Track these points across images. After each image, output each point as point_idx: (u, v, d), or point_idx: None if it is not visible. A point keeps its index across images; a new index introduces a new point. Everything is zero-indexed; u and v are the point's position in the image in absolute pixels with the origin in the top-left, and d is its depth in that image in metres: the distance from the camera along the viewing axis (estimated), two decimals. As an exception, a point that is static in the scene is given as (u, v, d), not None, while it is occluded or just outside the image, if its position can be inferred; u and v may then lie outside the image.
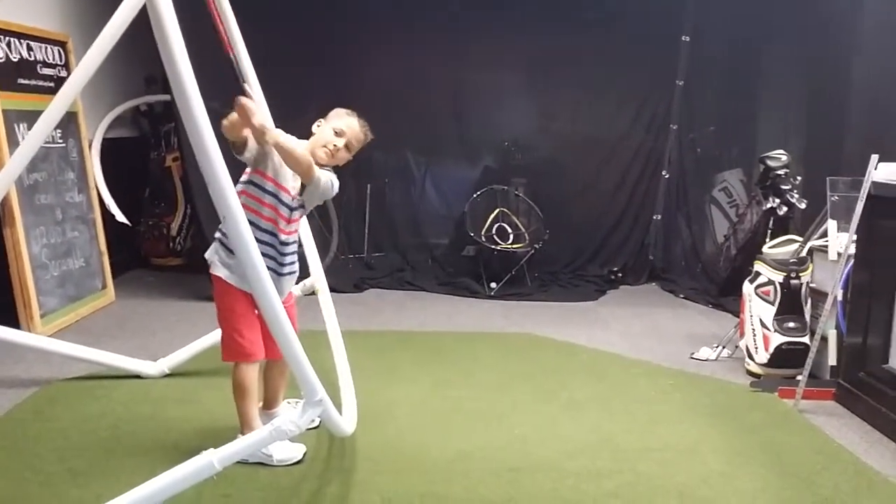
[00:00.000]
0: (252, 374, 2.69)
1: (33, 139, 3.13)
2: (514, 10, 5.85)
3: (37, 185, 4.34)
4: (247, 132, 2.52)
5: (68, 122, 4.65)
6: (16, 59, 4.29)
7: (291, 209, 2.64)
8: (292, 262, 2.73)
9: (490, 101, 6.23)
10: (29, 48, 4.42)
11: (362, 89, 5.49)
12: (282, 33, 5.34)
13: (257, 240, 2.12)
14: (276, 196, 2.61)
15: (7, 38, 4.23)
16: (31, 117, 4.01)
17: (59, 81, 4.47)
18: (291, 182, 2.62)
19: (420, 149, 6.32)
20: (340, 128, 2.67)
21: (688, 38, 6.05)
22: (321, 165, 2.65)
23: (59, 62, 4.68)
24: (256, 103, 2.49)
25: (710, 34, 5.93)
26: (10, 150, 3.99)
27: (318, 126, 2.72)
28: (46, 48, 4.59)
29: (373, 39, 5.89)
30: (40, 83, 4.48)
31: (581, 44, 5.91)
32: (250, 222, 2.19)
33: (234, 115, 2.40)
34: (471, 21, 5.91)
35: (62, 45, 4.74)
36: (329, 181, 2.64)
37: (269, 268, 2.51)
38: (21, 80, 4.32)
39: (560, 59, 5.99)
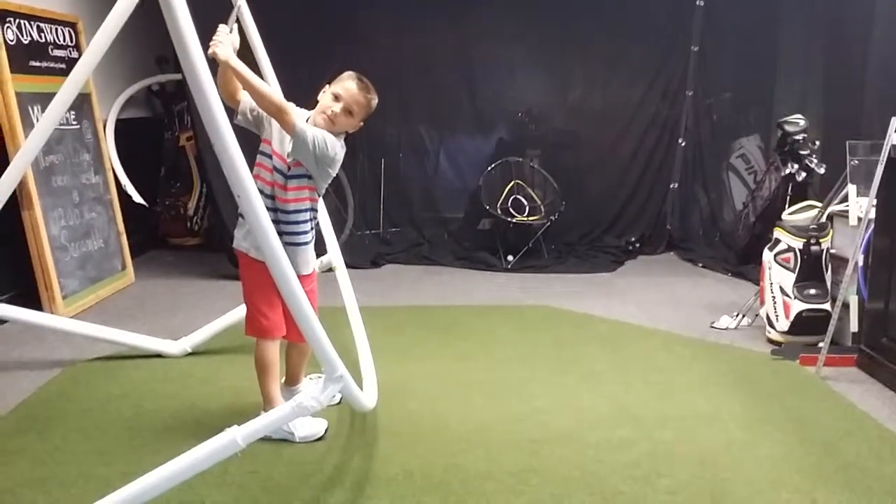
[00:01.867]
0: (272, 350, 2.70)
1: (47, 121, 3.14)
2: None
3: (53, 168, 4.35)
4: (240, 95, 2.51)
5: (82, 104, 4.65)
6: (27, 42, 4.29)
7: (286, 176, 2.57)
8: (301, 233, 2.63)
9: (503, 73, 6.17)
10: (39, 30, 4.42)
11: (373, 62, 5.37)
12: (291, 8, 5.28)
13: None
14: (271, 161, 2.58)
15: (17, 21, 4.22)
16: (44, 99, 4.02)
17: (71, 63, 4.46)
18: (287, 147, 2.56)
19: (433, 122, 6.29)
20: (338, 92, 2.58)
21: (702, 3, 5.95)
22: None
23: (70, 43, 4.68)
24: (226, 32, 2.39)
25: (726, -2, 5.83)
26: (25, 132, 4.01)
27: (324, 92, 2.64)
28: (57, 30, 4.58)
29: (383, 12, 5.84)
30: (52, 65, 4.48)
31: (594, 12, 5.83)
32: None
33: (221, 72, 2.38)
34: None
35: (73, 26, 4.74)
36: (321, 138, 2.50)
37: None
38: (33, 63, 4.32)
39: (573, 29, 5.92)
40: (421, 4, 5.83)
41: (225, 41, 2.37)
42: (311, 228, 2.71)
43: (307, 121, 2.59)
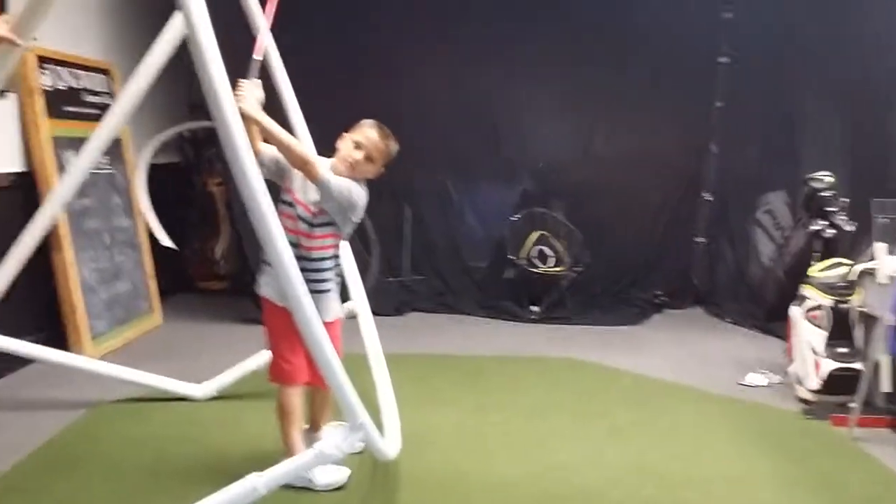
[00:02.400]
0: (294, 396, 2.70)
1: (81, 166, 3.22)
2: (551, 32, 5.83)
3: (85, 211, 4.43)
4: (258, 146, 2.54)
5: (115, 149, 4.74)
6: (63, 88, 4.41)
7: (311, 224, 2.61)
8: (324, 280, 2.66)
9: (528, 124, 6.22)
10: (75, 76, 4.54)
11: (399, 111, 5.44)
12: (318, 57, 5.34)
13: None
14: (294, 209, 2.61)
15: (54, 67, 4.34)
16: (77, 144, 4.08)
17: (105, 109, 4.55)
18: (313, 196, 2.60)
19: (458, 171, 6.32)
20: (358, 139, 2.64)
21: (727, 60, 5.99)
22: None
23: (104, 90, 4.80)
24: (250, 85, 2.44)
25: (750, 55, 5.84)
26: (59, 176, 4.09)
27: (343, 140, 2.69)
28: (92, 76, 4.71)
29: (408, 62, 5.92)
30: (86, 111, 4.59)
31: (620, 65, 5.88)
32: None
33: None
34: (507, 44, 5.90)
35: (106, 73, 4.87)
36: (346, 187, 2.55)
37: None
38: (68, 108, 4.43)
39: (599, 80, 5.95)
40: (447, 53, 5.90)
41: (249, 95, 2.42)
42: (335, 275, 2.73)
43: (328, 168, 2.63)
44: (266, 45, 3.12)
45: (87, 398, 3.56)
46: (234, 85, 2.19)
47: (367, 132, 2.65)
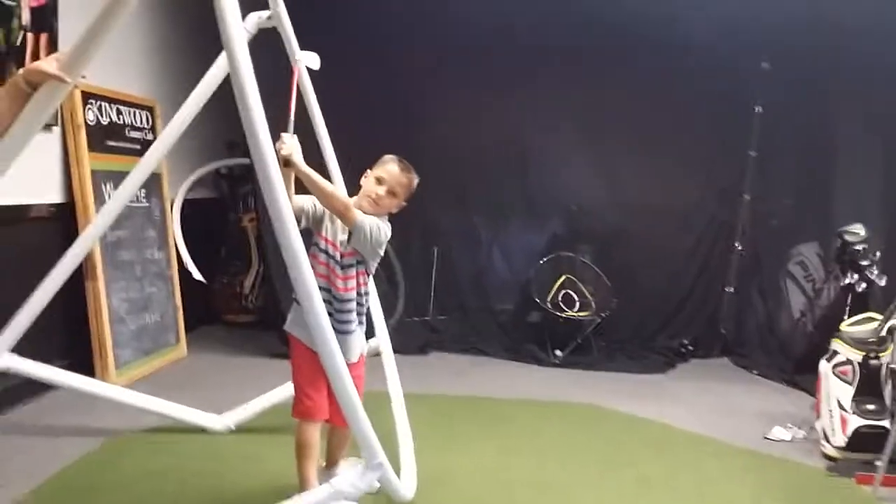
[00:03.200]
0: (313, 433, 2.70)
1: (119, 199, 3.30)
2: (584, 75, 5.89)
3: (119, 242, 4.53)
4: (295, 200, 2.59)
5: (152, 183, 4.84)
6: (106, 123, 4.53)
7: (343, 266, 2.67)
8: (351, 322, 2.71)
9: (558, 167, 6.24)
10: (119, 112, 4.67)
11: (429, 152, 5.50)
12: (348, 95, 5.29)
13: None
14: (327, 252, 2.67)
15: (98, 103, 4.47)
16: (117, 177, 4.21)
17: (146, 144, 4.69)
18: (340, 236, 2.67)
19: (487, 213, 6.36)
20: (380, 175, 2.70)
21: (760, 109, 5.99)
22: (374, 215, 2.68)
23: (146, 126, 4.93)
24: (290, 137, 2.51)
25: (784, 104, 5.84)
26: (96, 208, 4.19)
27: (366, 177, 2.76)
28: (135, 112, 4.84)
29: (439, 103, 6.00)
30: (128, 145, 4.70)
31: (651, 111, 5.90)
32: None
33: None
34: (541, 86, 5.97)
35: (150, 109, 5.00)
36: (375, 225, 2.64)
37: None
38: (109, 143, 4.54)
39: (629, 126, 5.98)
40: (479, 95, 5.96)
41: (292, 146, 2.48)
42: (361, 315, 2.76)
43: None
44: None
45: (109, 426, 3.60)
46: (276, 138, 2.26)
47: (389, 167, 2.72)
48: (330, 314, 2.58)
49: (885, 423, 3.54)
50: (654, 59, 5.72)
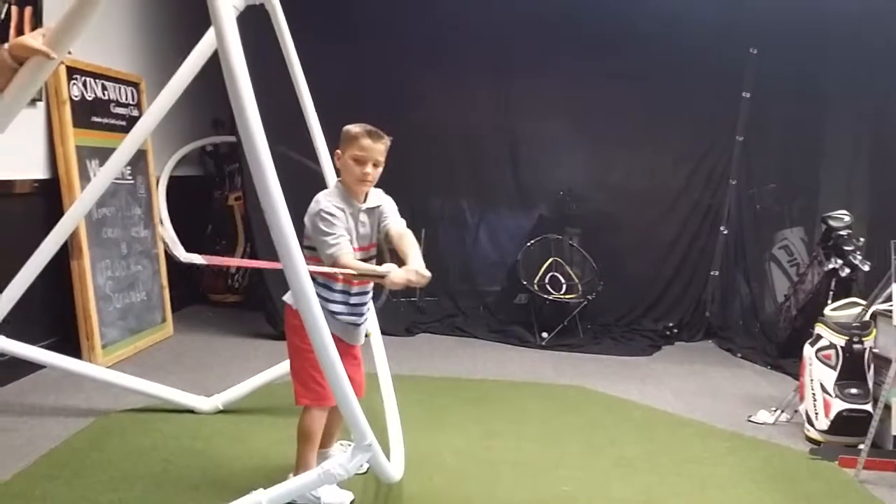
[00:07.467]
0: (319, 419, 2.67)
1: (105, 175, 3.27)
2: (572, 61, 5.88)
3: (105, 220, 4.48)
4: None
5: (138, 160, 4.79)
6: (91, 98, 4.47)
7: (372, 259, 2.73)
8: (369, 310, 2.79)
9: (546, 151, 6.24)
10: (104, 87, 4.61)
11: (417, 135, 5.51)
12: (336, 79, 5.24)
13: (334, 300, 2.42)
14: (368, 257, 2.75)
15: (83, 78, 4.41)
16: (102, 154, 4.17)
17: (131, 120, 4.64)
18: (367, 242, 2.74)
19: (476, 196, 6.35)
20: (357, 154, 2.59)
21: (748, 94, 6.01)
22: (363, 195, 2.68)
23: (131, 102, 4.87)
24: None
25: (772, 90, 5.86)
26: (81, 184, 4.15)
27: (339, 159, 2.67)
28: (121, 88, 4.78)
29: (429, 87, 5.98)
30: (113, 122, 4.65)
31: (639, 96, 5.90)
32: (324, 285, 2.49)
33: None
34: (528, 70, 5.96)
35: (135, 85, 4.93)
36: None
37: (349, 322, 2.63)
38: (95, 119, 4.49)
39: (617, 111, 5.99)
40: (467, 81, 5.95)
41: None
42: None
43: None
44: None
45: (96, 406, 3.59)
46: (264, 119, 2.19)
47: (362, 143, 2.59)
48: (350, 313, 2.65)
49: (868, 407, 3.59)
50: (642, 45, 5.72)
